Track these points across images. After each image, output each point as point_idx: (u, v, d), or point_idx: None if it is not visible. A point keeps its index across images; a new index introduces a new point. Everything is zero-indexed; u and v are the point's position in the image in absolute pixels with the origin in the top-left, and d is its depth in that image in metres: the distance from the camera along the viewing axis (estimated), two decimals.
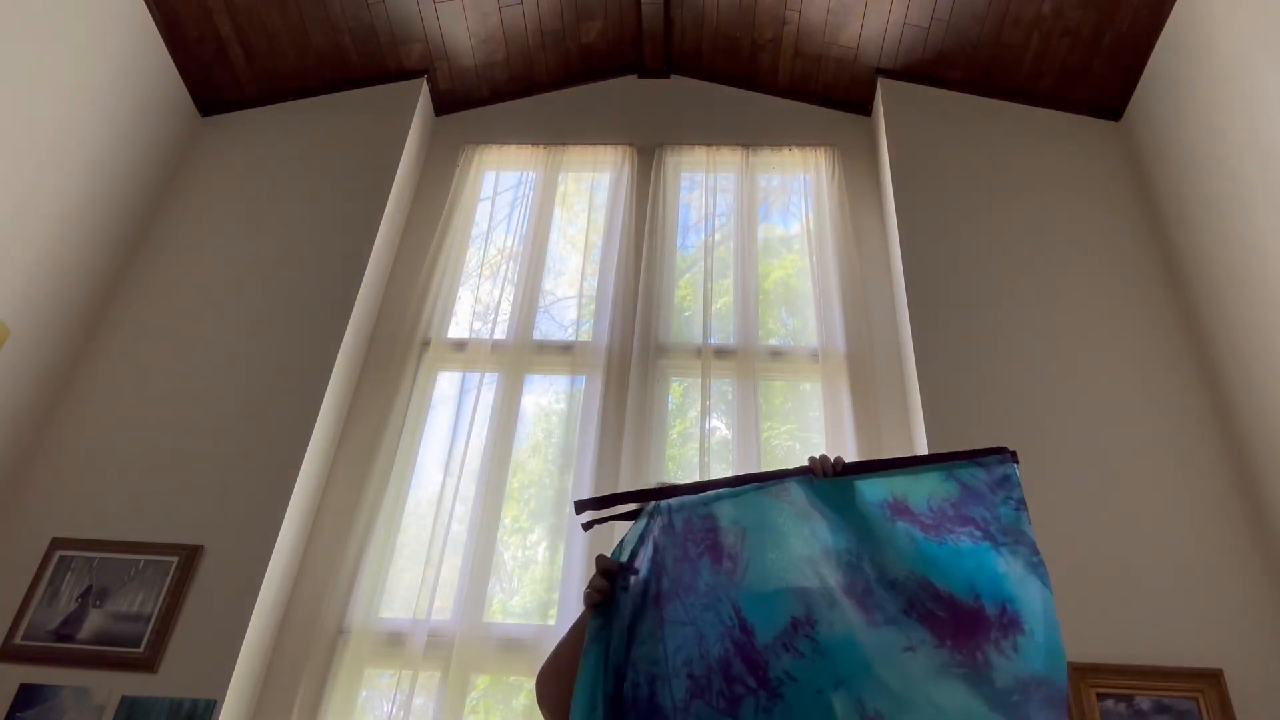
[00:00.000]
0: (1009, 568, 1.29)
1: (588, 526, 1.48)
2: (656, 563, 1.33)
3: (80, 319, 3.06)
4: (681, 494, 1.41)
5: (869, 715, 1.16)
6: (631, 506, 1.42)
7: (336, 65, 3.71)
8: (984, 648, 1.23)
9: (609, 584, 1.32)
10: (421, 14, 3.61)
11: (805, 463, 1.46)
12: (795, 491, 1.40)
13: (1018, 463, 1.41)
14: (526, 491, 3.07)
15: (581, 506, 1.41)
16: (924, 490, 1.40)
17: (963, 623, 1.26)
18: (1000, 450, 1.42)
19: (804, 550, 1.33)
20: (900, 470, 1.43)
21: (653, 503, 1.41)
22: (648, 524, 1.38)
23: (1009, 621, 1.25)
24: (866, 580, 1.30)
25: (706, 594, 1.28)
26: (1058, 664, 1.22)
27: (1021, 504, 1.35)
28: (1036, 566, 1.29)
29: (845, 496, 1.41)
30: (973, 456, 1.41)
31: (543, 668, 1.40)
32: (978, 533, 1.33)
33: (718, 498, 1.39)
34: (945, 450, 2.70)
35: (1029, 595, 1.27)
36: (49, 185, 2.91)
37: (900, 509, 1.38)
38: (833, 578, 1.29)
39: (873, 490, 1.41)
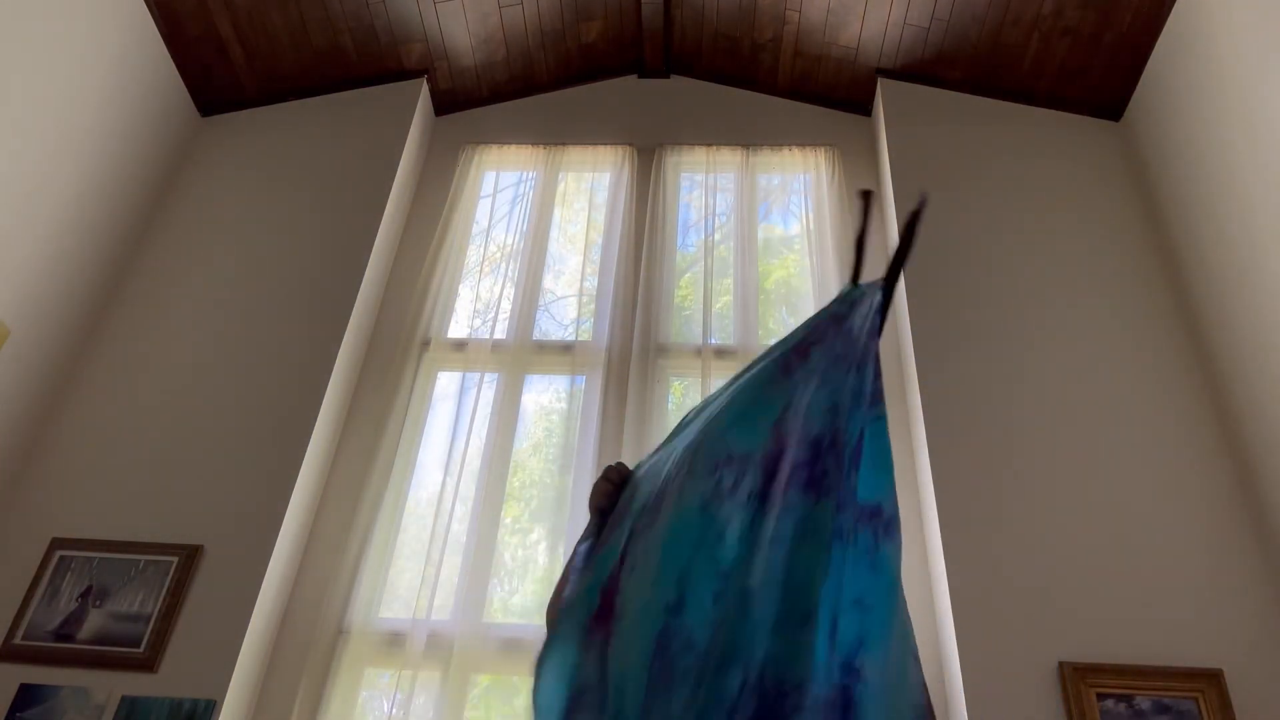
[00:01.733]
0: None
1: (863, 195, 1.31)
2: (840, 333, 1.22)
3: (80, 319, 3.06)
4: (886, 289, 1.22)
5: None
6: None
7: (336, 65, 3.71)
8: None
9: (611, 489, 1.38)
10: (421, 14, 3.61)
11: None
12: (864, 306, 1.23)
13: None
14: (527, 491, 3.07)
15: (868, 195, 1.29)
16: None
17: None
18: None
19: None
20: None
21: (870, 284, 1.23)
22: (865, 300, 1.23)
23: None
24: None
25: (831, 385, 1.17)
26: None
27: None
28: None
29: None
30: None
31: (552, 597, 1.42)
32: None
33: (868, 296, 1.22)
34: (943, 448, 2.70)
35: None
36: (49, 185, 2.91)
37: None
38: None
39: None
